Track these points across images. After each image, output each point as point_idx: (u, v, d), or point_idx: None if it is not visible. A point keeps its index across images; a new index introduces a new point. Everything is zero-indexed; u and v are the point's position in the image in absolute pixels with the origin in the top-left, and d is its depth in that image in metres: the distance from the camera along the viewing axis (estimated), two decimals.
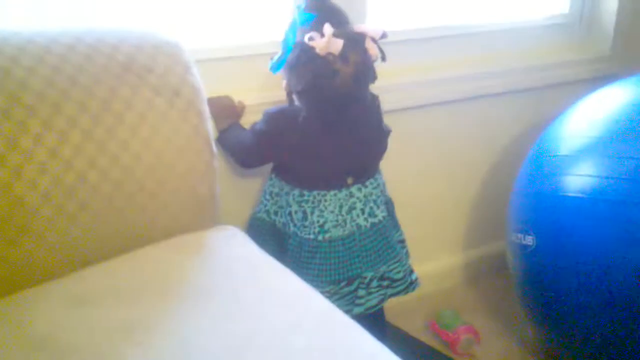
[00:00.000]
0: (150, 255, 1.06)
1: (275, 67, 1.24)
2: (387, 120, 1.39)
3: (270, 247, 1.32)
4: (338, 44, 1.17)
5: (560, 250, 1.31)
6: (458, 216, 1.85)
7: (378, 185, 1.35)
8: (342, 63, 1.19)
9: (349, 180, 1.30)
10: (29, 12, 1.20)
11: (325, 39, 1.16)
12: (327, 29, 1.16)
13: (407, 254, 1.44)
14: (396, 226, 1.43)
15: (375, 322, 1.37)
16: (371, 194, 1.32)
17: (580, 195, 1.27)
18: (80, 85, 1.01)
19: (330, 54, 1.18)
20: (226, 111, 1.34)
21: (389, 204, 1.40)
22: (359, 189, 1.31)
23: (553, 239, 1.33)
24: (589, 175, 1.27)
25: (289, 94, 1.28)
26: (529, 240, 1.37)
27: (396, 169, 1.60)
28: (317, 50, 1.17)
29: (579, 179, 1.29)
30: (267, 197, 1.36)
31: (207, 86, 1.16)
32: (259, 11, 1.40)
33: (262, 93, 1.38)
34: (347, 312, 1.29)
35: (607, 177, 1.24)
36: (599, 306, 1.27)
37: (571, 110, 1.46)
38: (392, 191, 1.44)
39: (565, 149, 1.36)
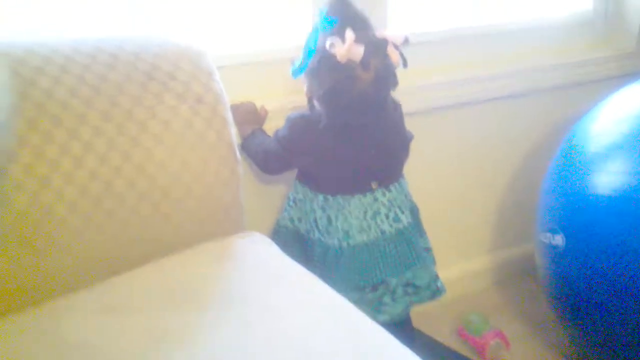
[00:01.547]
0: (177, 262, 1.06)
1: (297, 73, 1.24)
2: (411, 122, 1.38)
3: (294, 254, 1.31)
4: (359, 51, 1.16)
5: (591, 249, 1.29)
6: (484, 218, 1.83)
7: (402, 189, 1.35)
8: (362, 69, 1.18)
9: (374, 185, 1.29)
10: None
11: (346, 46, 1.15)
12: (349, 35, 1.16)
13: (433, 261, 1.43)
14: (422, 233, 1.41)
15: (402, 328, 1.36)
16: (395, 199, 1.32)
17: (609, 192, 1.25)
18: (104, 94, 1.02)
19: (351, 60, 1.17)
20: (249, 117, 1.34)
21: (413, 210, 1.39)
22: (384, 194, 1.30)
23: (583, 238, 1.31)
24: (618, 172, 1.26)
25: (310, 100, 1.28)
26: (558, 240, 1.36)
27: (420, 170, 1.59)
28: (338, 57, 1.16)
29: (608, 176, 1.27)
30: (291, 204, 1.36)
31: (230, 92, 1.16)
32: (279, 17, 1.40)
33: (284, 98, 1.38)
34: (372, 319, 1.28)
35: (636, 174, 1.22)
36: (631, 308, 1.24)
37: (598, 108, 1.44)
38: (417, 194, 1.42)
39: (593, 146, 1.34)
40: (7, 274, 0.94)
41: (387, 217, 1.30)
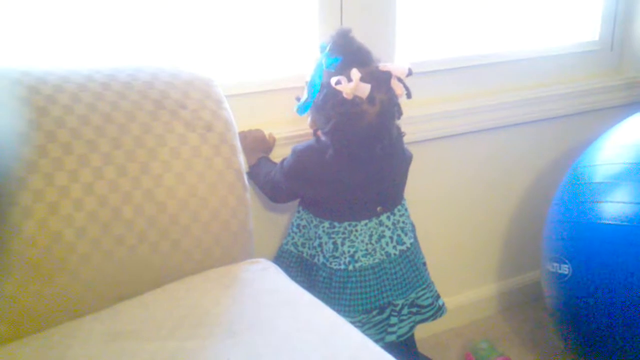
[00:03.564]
0: (184, 289, 1.06)
1: (302, 110, 1.25)
2: (418, 150, 1.39)
3: (297, 279, 1.32)
4: (365, 89, 1.16)
5: (598, 278, 1.29)
6: (491, 246, 1.83)
7: (406, 210, 1.36)
8: (369, 104, 1.19)
9: (379, 209, 1.30)
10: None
11: (352, 85, 1.15)
12: (355, 74, 1.16)
13: (429, 275, 1.43)
14: (419, 249, 1.42)
15: (407, 353, 1.36)
16: (398, 222, 1.32)
17: (616, 222, 1.25)
18: (115, 123, 1.03)
19: (357, 96, 1.18)
20: (257, 144, 1.35)
21: (413, 229, 1.40)
22: (388, 217, 1.31)
23: (590, 267, 1.31)
24: (625, 202, 1.26)
25: (315, 131, 1.28)
26: (565, 269, 1.35)
27: (427, 199, 1.59)
28: (344, 95, 1.17)
29: (615, 206, 1.27)
30: (295, 229, 1.36)
31: (238, 120, 1.18)
32: (287, 46, 1.41)
33: (292, 125, 1.39)
34: (379, 340, 1.29)
35: None
36: (638, 336, 1.24)
37: (605, 137, 1.45)
38: (423, 221, 1.43)
39: (600, 176, 1.35)
40: (15, 298, 0.95)
41: (391, 239, 1.31)
